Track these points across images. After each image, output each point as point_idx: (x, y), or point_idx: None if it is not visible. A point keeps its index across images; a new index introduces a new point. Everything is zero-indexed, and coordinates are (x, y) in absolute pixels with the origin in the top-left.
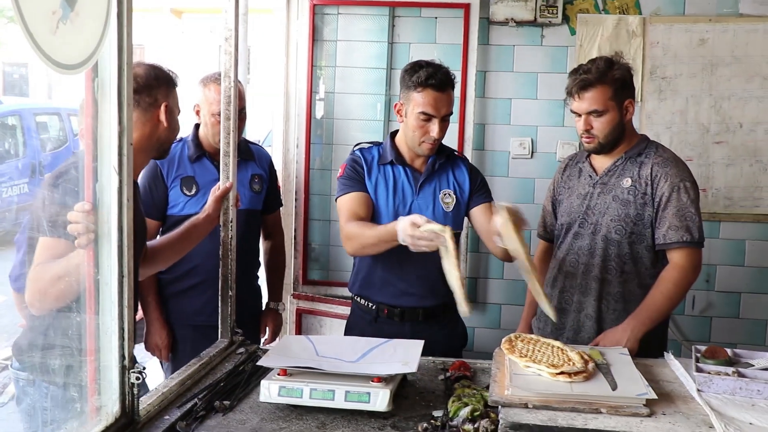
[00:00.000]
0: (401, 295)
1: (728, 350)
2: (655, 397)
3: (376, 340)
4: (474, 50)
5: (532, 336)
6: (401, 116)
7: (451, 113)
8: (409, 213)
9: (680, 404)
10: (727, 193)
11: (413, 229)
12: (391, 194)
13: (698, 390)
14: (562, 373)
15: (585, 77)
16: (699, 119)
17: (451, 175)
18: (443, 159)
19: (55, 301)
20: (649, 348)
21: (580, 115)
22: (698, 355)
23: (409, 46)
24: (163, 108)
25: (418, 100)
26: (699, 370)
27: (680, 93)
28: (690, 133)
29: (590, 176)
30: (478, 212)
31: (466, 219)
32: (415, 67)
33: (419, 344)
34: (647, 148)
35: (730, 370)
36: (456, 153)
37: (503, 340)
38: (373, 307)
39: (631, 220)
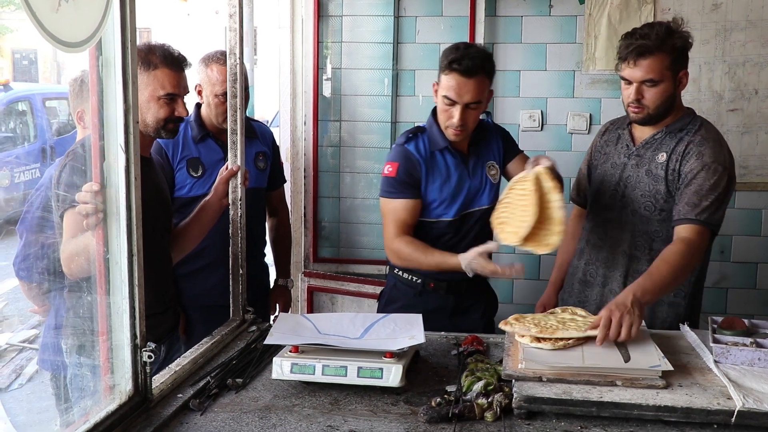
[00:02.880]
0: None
1: (745, 321)
2: (670, 368)
3: (373, 315)
4: (481, 22)
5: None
6: (435, 96)
7: (480, 102)
8: (465, 197)
9: (697, 376)
10: (743, 161)
11: (486, 262)
12: (445, 182)
13: (715, 361)
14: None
15: (644, 43)
16: (712, 87)
17: (492, 146)
18: (480, 136)
19: (78, 273)
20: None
21: (630, 83)
22: (715, 326)
23: (416, 20)
24: None
25: (443, 83)
26: (716, 341)
27: (693, 60)
28: (703, 101)
29: (627, 146)
30: (512, 166)
31: None
32: (451, 47)
33: (418, 317)
34: (690, 123)
35: (747, 340)
36: (488, 122)
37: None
38: (419, 281)
39: (661, 197)
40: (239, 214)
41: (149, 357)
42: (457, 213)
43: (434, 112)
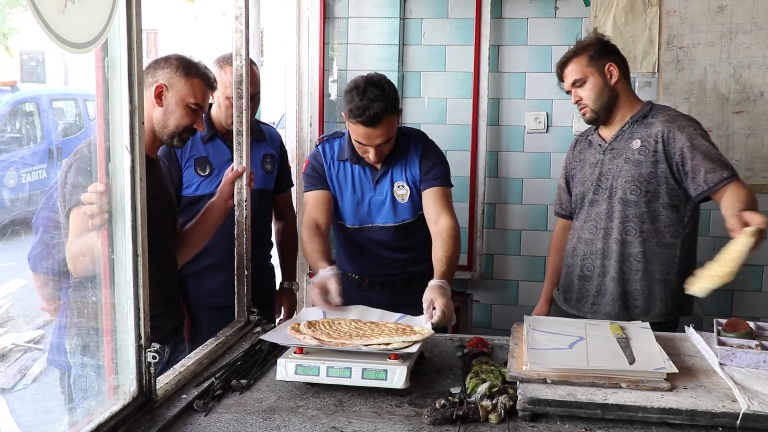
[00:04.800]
0: (377, 274)
1: (750, 323)
2: (675, 371)
3: (390, 314)
4: (487, 24)
5: None
6: (347, 124)
7: (391, 137)
8: (369, 209)
9: (702, 378)
10: (748, 164)
11: (316, 294)
12: (350, 190)
13: (720, 364)
14: None
15: (563, 57)
16: (718, 89)
17: (405, 165)
18: (398, 154)
19: (83, 273)
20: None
21: (571, 93)
22: (719, 328)
23: (422, 22)
24: (154, 88)
25: (351, 128)
26: (721, 343)
27: (698, 62)
28: (709, 103)
29: (599, 145)
30: (425, 198)
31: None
32: (352, 92)
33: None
34: (652, 110)
35: (753, 343)
36: (416, 137)
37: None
38: (356, 277)
39: (644, 179)
40: (244, 216)
41: (153, 357)
42: (357, 222)
43: None
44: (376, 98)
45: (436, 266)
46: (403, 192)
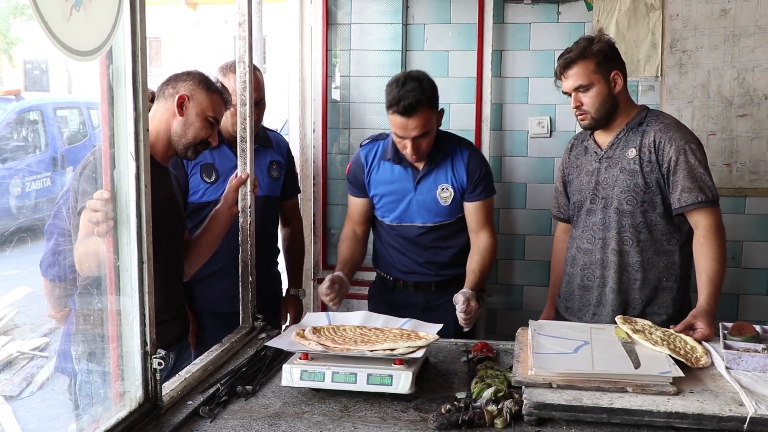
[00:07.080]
0: (413, 272)
1: (756, 326)
2: (681, 374)
3: (395, 320)
4: (489, 29)
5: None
6: None
7: (428, 131)
8: (407, 208)
9: (708, 382)
10: (753, 167)
11: (325, 288)
12: (391, 188)
13: (727, 367)
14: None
15: (567, 56)
16: (722, 92)
17: (450, 169)
18: (441, 155)
19: (90, 273)
20: None
21: (570, 95)
22: (725, 332)
23: (424, 27)
24: (177, 98)
25: (390, 119)
26: (727, 347)
27: (702, 66)
28: (713, 107)
29: (595, 152)
30: (469, 208)
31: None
32: (391, 83)
33: (436, 327)
34: (647, 117)
35: (759, 347)
36: (461, 142)
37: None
38: (391, 279)
39: (640, 189)
40: (249, 222)
41: (159, 364)
42: (395, 220)
43: None
44: (413, 89)
45: (469, 276)
46: (447, 195)
